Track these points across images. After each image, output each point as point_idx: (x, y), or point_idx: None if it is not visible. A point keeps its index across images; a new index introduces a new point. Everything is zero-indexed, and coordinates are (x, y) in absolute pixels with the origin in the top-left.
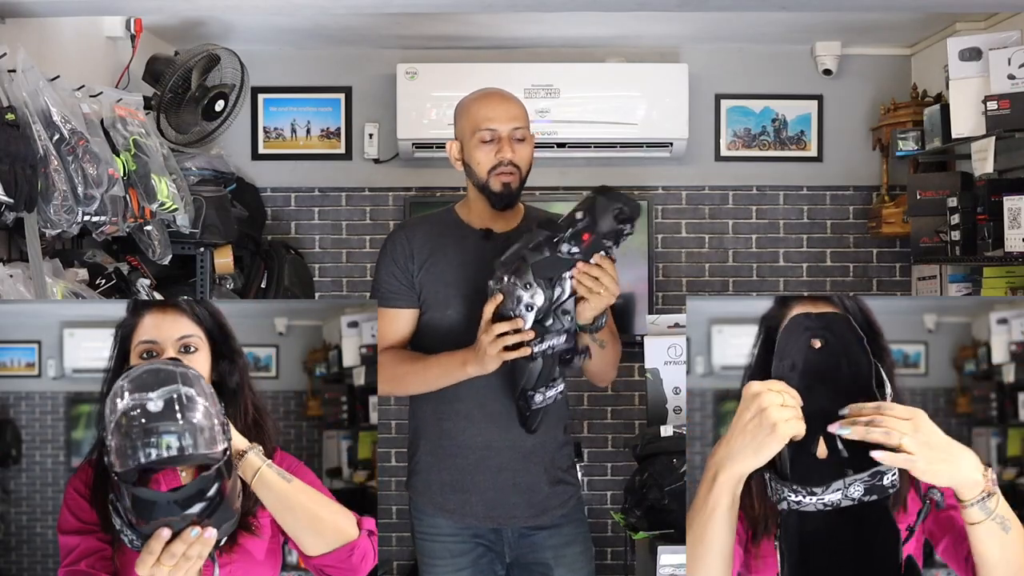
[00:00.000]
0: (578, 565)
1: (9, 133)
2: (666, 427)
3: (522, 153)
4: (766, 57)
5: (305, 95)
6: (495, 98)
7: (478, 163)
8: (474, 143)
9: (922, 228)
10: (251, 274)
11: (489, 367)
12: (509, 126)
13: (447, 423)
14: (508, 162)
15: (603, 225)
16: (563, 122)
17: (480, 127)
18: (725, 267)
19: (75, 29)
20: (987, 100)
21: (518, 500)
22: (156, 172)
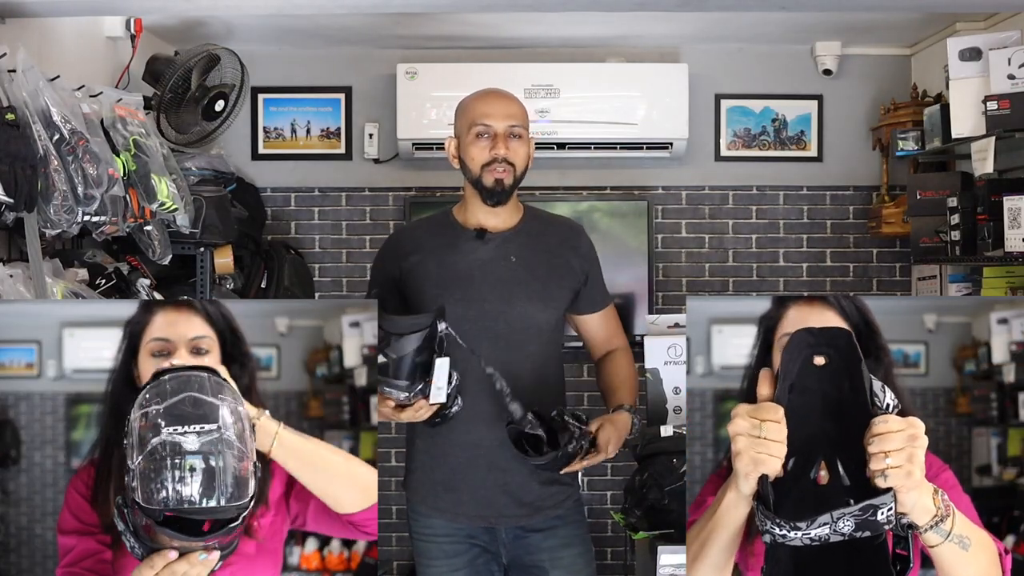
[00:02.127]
0: (576, 567)
1: (9, 133)
2: (666, 427)
3: (518, 151)
4: (766, 57)
5: (305, 95)
6: (493, 96)
7: (472, 158)
8: (470, 138)
9: (922, 228)
10: (251, 274)
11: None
12: (505, 123)
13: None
14: (502, 158)
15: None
16: (563, 122)
17: (476, 122)
18: (725, 267)
19: (75, 29)
20: (987, 100)
21: (509, 499)
22: (156, 172)
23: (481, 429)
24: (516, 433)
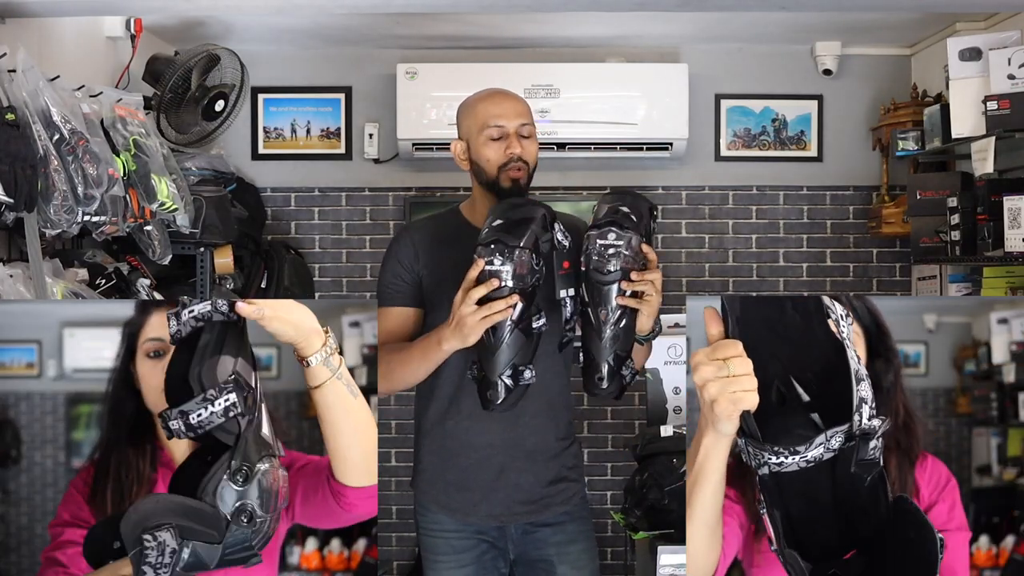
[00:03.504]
0: (581, 563)
1: (9, 133)
2: (666, 427)
3: (530, 149)
4: (766, 57)
5: (305, 95)
6: (500, 96)
7: (488, 160)
8: (482, 141)
9: (922, 228)
10: (251, 274)
11: (470, 339)
12: (516, 122)
13: (450, 422)
14: (518, 158)
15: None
16: (563, 122)
17: (488, 124)
18: (725, 267)
19: (75, 29)
20: (987, 100)
21: (520, 499)
22: (156, 172)
23: (494, 430)
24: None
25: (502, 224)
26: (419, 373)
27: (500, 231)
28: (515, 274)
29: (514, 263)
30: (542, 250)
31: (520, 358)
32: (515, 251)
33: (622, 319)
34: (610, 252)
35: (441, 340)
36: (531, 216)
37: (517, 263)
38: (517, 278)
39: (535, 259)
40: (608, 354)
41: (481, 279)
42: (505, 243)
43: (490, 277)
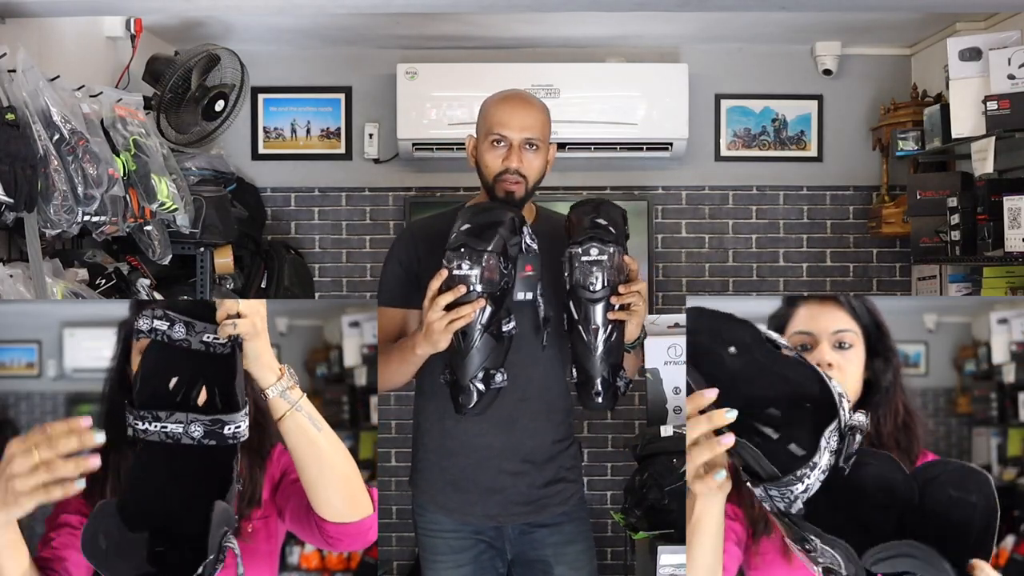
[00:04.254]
0: (579, 563)
1: (9, 133)
2: (666, 427)
3: (532, 163)
4: (766, 57)
5: (305, 95)
6: (513, 102)
7: (486, 165)
8: (485, 146)
9: (922, 228)
10: (251, 274)
11: (440, 344)
12: (520, 135)
13: (449, 422)
14: (514, 171)
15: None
16: (563, 122)
17: (492, 131)
18: (725, 267)
19: (75, 29)
20: (987, 100)
21: (518, 499)
22: (156, 172)
23: (493, 431)
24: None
25: (470, 228)
26: (401, 375)
27: (468, 235)
28: (483, 278)
29: (482, 267)
30: (511, 254)
31: (491, 362)
32: (483, 255)
33: (612, 333)
34: (594, 268)
35: (415, 345)
36: (499, 220)
37: (485, 267)
38: (485, 282)
39: (503, 263)
40: (603, 369)
41: (450, 285)
42: (473, 247)
43: (458, 283)
